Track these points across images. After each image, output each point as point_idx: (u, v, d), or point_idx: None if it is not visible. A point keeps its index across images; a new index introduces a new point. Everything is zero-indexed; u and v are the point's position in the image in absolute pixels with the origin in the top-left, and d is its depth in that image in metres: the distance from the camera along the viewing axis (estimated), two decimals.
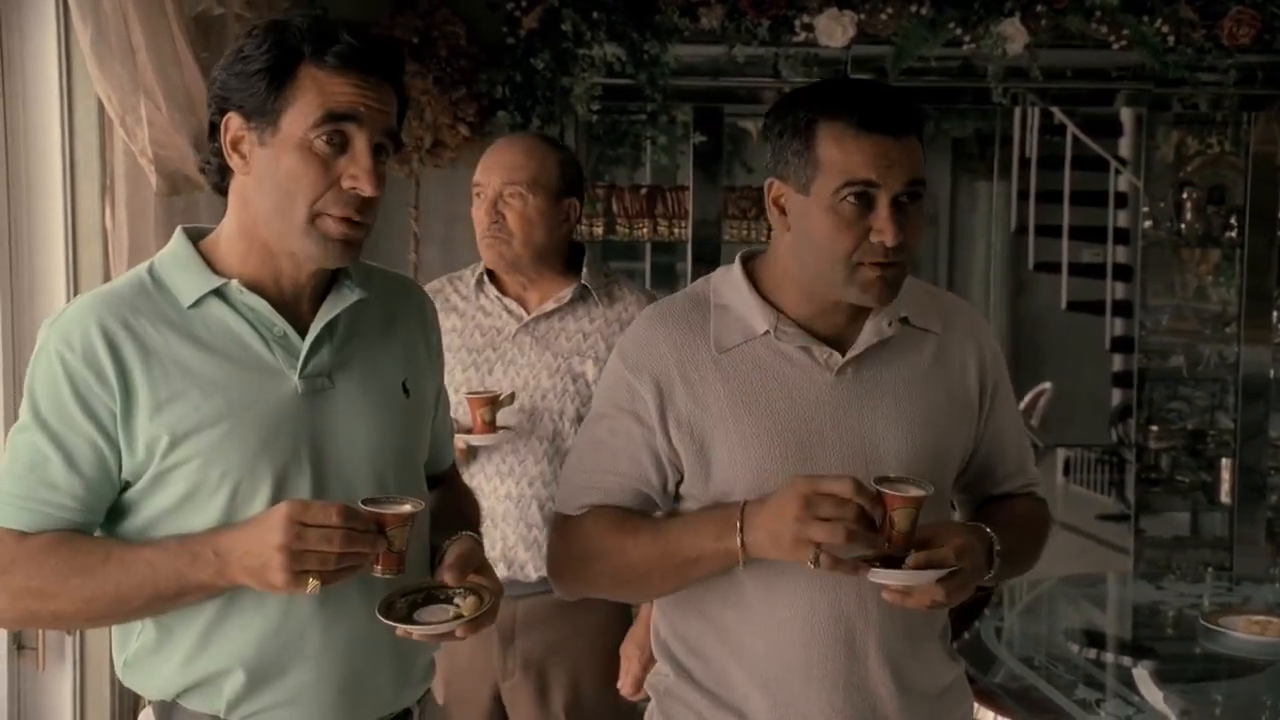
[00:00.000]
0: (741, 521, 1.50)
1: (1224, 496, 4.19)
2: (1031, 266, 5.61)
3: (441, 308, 2.43)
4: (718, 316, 1.64)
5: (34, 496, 1.41)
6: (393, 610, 1.45)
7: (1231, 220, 4.26)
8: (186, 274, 1.48)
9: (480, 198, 2.40)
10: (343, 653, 1.49)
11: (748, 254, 1.69)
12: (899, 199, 1.51)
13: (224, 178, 1.50)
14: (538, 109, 3.59)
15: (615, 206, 4.01)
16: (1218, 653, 2.51)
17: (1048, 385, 5.56)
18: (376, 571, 1.41)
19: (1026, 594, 2.95)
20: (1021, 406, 3.73)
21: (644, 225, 4.03)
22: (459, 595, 1.50)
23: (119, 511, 1.46)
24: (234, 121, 1.44)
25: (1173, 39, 3.62)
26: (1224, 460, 4.24)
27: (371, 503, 1.41)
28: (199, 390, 1.42)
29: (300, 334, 1.48)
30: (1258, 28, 3.62)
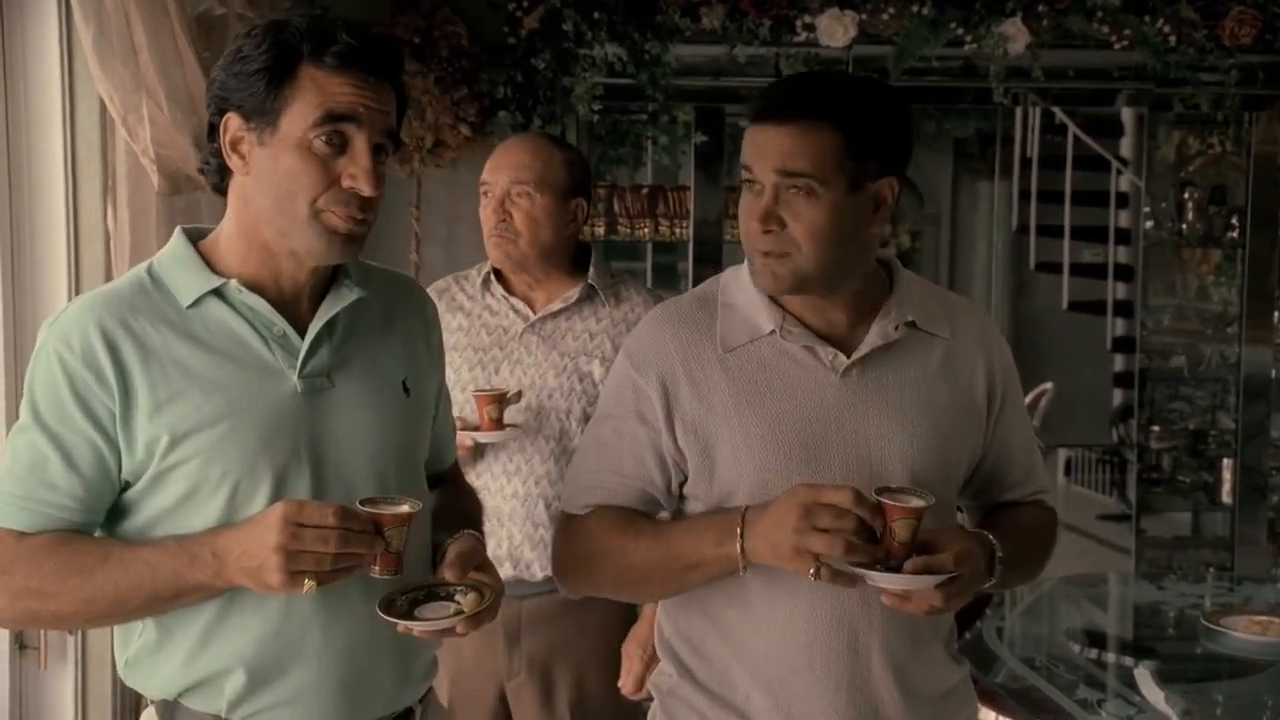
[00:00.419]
0: (742, 528, 1.50)
1: (1225, 497, 4.18)
2: (1033, 266, 5.61)
3: (448, 307, 2.44)
4: (724, 315, 1.65)
5: (34, 497, 1.41)
6: (393, 607, 1.45)
7: (1233, 220, 4.25)
8: (186, 274, 1.48)
9: (488, 197, 2.40)
10: (343, 651, 1.49)
11: None
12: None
13: (223, 178, 1.50)
14: (539, 109, 3.59)
15: (616, 206, 4.01)
16: (1219, 653, 2.50)
17: (1049, 385, 5.56)
18: (374, 572, 1.40)
19: (1028, 594, 2.94)
20: None
21: (645, 225, 4.02)
22: (460, 592, 1.49)
23: (119, 511, 1.46)
24: (233, 122, 1.44)
25: (1174, 39, 3.61)
26: (1225, 460, 4.24)
27: (369, 503, 1.41)
28: (198, 390, 1.42)
29: (300, 333, 1.48)
30: (1259, 28, 3.61)
